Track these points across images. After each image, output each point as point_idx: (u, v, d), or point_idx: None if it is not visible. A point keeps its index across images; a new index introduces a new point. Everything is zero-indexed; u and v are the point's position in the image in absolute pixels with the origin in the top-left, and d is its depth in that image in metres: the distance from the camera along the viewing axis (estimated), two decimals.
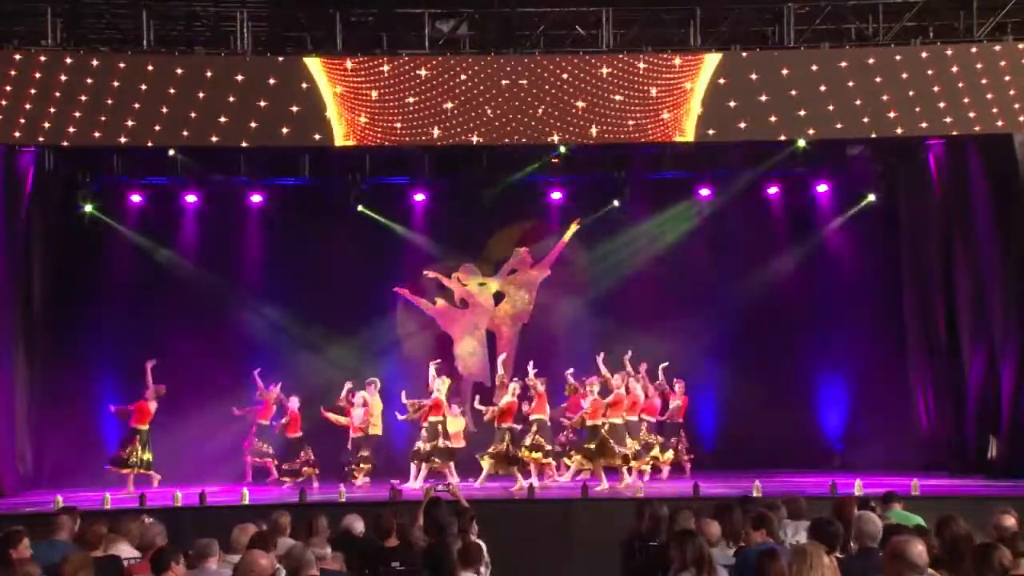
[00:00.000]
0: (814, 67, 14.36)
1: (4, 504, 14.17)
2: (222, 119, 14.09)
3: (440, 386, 15.52)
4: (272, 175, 17.57)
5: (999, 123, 14.39)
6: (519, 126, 14.39)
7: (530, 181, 17.64)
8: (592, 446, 14.82)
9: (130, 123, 14.04)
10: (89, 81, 13.93)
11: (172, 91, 14.02)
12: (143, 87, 13.99)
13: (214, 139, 14.28)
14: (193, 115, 14.08)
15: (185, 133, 14.25)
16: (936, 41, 14.75)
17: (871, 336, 17.89)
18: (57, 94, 13.87)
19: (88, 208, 17.14)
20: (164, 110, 14.04)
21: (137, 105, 13.99)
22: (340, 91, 14.21)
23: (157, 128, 14.09)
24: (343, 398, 16.13)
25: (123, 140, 14.22)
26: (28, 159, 15.41)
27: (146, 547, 7.59)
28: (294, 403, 16.06)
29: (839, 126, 14.48)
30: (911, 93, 14.38)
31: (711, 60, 14.39)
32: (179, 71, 14.06)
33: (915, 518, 8.49)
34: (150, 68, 14.04)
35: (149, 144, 14.48)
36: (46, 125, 13.94)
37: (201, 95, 14.05)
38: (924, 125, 14.54)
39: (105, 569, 6.99)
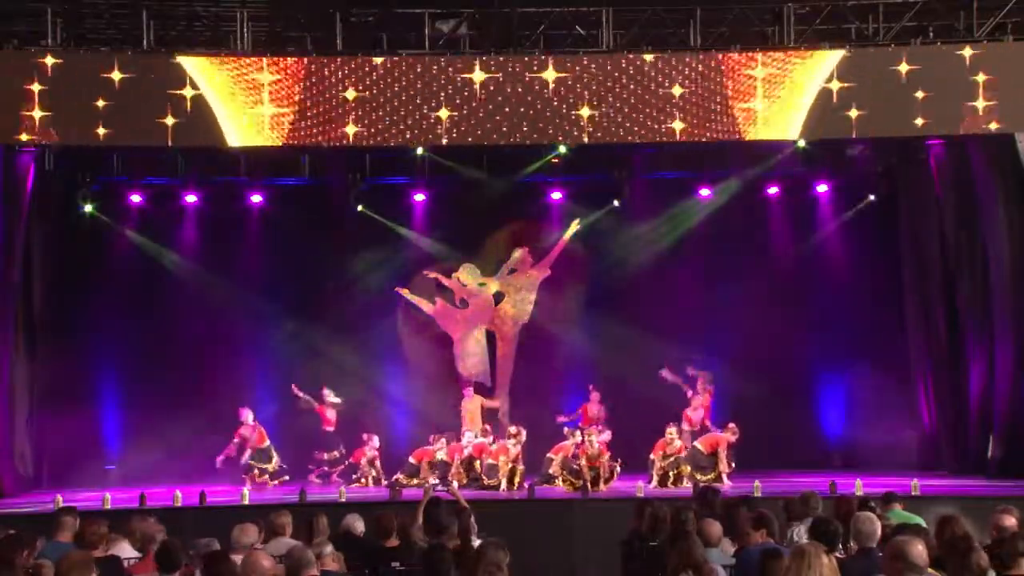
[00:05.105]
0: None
1: (4, 504, 14.17)
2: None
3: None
4: (272, 175, 17.55)
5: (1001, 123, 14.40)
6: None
7: (530, 181, 17.64)
8: None
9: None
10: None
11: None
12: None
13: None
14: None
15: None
16: (936, 41, 14.76)
17: (871, 336, 17.87)
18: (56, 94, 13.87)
19: (88, 208, 17.12)
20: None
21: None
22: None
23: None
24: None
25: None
26: (28, 159, 15.36)
27: (146, 546, 7.60)
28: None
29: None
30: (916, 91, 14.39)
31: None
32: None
33: (915, 518, 8.51)
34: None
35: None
36: (45, 125, 13.94)
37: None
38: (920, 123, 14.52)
39: (105, 569, 6.98)
